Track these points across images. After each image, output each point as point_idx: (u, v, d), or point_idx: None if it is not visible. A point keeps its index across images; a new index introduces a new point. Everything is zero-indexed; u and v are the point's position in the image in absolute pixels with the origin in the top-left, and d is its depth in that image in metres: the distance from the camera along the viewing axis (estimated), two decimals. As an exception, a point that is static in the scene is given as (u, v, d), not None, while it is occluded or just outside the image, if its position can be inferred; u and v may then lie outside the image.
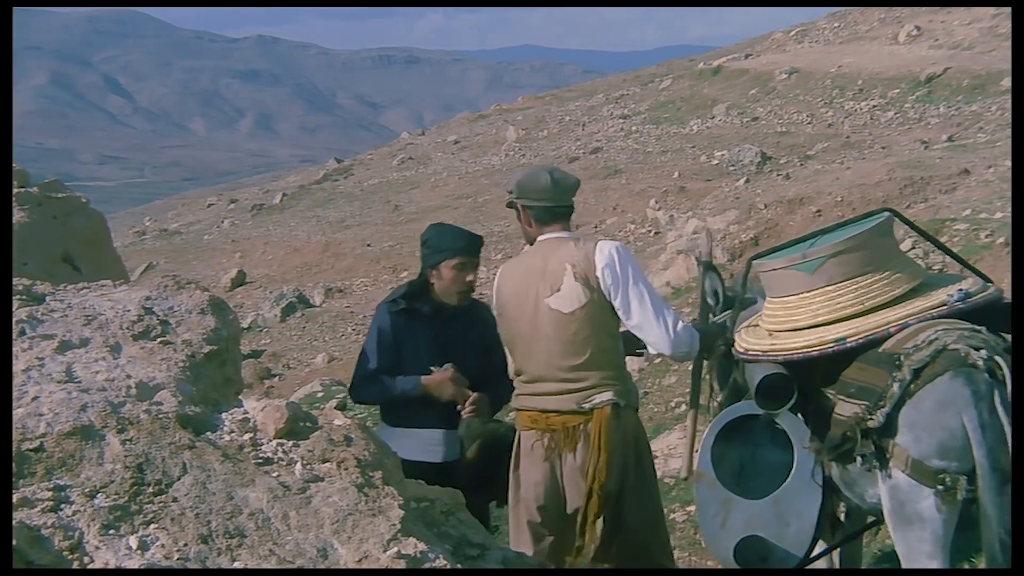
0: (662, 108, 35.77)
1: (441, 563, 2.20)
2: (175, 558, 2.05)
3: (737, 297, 3.69)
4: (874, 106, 27.34)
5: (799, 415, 3.32)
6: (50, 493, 2.15)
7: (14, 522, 1.97)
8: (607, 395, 3.40)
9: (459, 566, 2.43)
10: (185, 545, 2.08)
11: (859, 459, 2.95)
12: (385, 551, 2.18)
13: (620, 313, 3.43)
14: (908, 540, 2.78)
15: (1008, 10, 23.38)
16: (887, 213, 3.47)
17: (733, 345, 3.55)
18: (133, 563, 2.01)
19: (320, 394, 13.02)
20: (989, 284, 3.11)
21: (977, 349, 2.74)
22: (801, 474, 3.18)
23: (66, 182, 6.36)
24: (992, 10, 29.18)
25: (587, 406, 3.40)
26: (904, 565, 2.87)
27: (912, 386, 2.79)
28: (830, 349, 3.07)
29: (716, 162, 26.06)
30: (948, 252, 3.78)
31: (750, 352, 3.35)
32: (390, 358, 4.00)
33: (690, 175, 25.61)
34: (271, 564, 2.09)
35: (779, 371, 3.22)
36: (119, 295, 3.27)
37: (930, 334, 2.88)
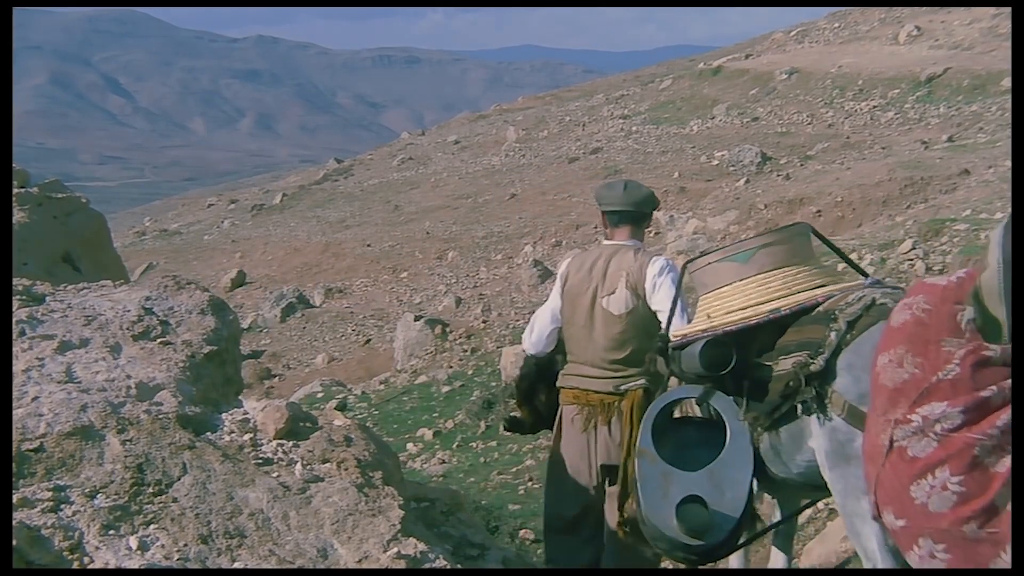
0: (662, 108, 35.77)
1: (441, 563, 2.20)
2: (175, 558, 2.05)
3: (680, 297, 4.01)
4: (874, 106, 27.34)
5: (733, 398, 3.61)
6: (50, 493, 2.15)
7: (14, 522, 1.97)
8: (640, 381, 3.97)
9: (459, 566, 2.43)
10: (185, 545, 2.09)
11: (800, 407, 3.19)
12: (385, 551, 2.18)
13: (651, 302, 3.99)
14: (845, 476, 3.04)
15: (1008, 10, 23.39)
16: (807, 224, 3.88)
17: (668, 345, 3.82)
18: (133, 563, 2.01)
19: (320, 394, 13.03)
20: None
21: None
22: (734, 445, 3.44)
23: (66, 182, 6.36)
24: (992, 10, 29.18)
25: (623, 388, 3.98)
26: (840, 501, 3.12)
27: (848, 336, 3.10)
28: (765, 318, 3.39)
29: (716, 162, 26.07)
30: (854, 266, 4.06)
31: (688, 336, 3.61)
32: None
33: (690, 175, 25.61)
34: (271, 564, 2.09)
35: (717, 338, 3.49)
36: (119, 295, 3.27)
37: (859, 293, 3.20)
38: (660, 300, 3.95)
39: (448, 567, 2.22)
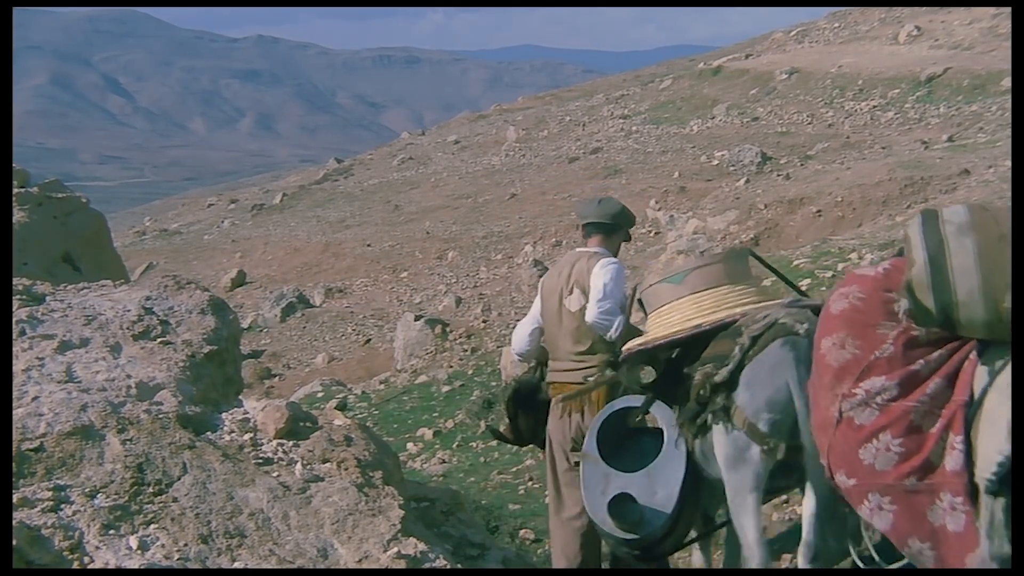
0: (662, 108, 35.77)
1: (441, 563, 2.21)
2: (175, 558, 2.05)
3: (625, 313, 4.40)
4: (874, 106, 27.34)
5: (674, 407, 3.94)
6: (50, 493, 2.15)
7: (14, 522, 1.97)
8: (607, 373, 4.33)
9: (459, 566, 2.43)
10: (185, 545, 2.09)
11: (709, 417, 3.59)
12: (385, 551, 2.18)
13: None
14: (737, 477, 3.49)
15: (1008, 10, 23.38)
16: (747, 249, 4.58)
17: (619, 359, 4.21)
18: (133, 563, 2.01)
19: (320, 394, 13.02)
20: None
21: (801, 322, 3.45)
22: (669, 449, 3.80)
23: (66, 182, 6.36)
24: (992, 10, 29.17)
25: (591, 380, 4.38)
26: (731, 498, 3.55)
27: (751, 351, 3.48)
28: (689, 333, 3.78)
29: (716, 162, 26.06)
30: (791, 285, 4.52)
31: (631, 350, 4.02)
32: None
33: (690, 175, 25.60)
34: (271, 564, 2.09)
35: (643, 351, 3.93)
36: (119, 295, 3.27)
37: (765, 312, 3.61)
38: (592, 289, 4.40)
39: (448, 567, 2.22)
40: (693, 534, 4.17)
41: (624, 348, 4.08)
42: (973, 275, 2.50)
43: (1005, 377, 2.52)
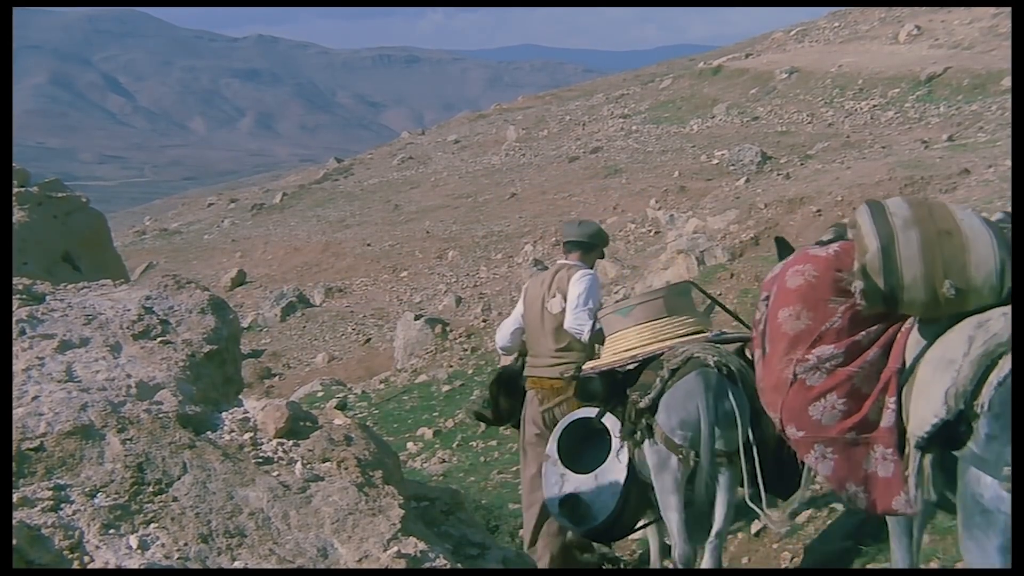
0: (662, 108, 35.73)
1: (441, 563, 2.20)
2: (175, 558, 2.05)
3: (583, 298, 5.12)
4: (874, 106, 27.30)
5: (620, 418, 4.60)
6: (50, 492, 2.15)
7: (14, 522, 1.97)
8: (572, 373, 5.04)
9: (459, 565, 2.43)
10: (185, 545, 2.09)
11: (639, 434, 4.24)
12: (385, 550, 2.18)
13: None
14: (661, 481, 4.16)
15: (1008, 9, 23.36)
16: (688, 283, 5.42)
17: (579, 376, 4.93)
18: (133, 563, 2.01)
19: (320, 393, 13.02)
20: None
21: (713, 356, 4.12)
22: (614, 456, 4.46)
23: (66, 181, 6.35)
24: (992, 10, 29.13)
25: (567, 375, 5.05)
26: (659, 499, 4.20)
27: (669, 382, 4.13)
28: (625, 362, 4.45)
29: (716, 162, 26.03)
30: (731, 313, 5.20)
31: (584, 371, 4.72)
32: None
33: (690, 175, 25.58)
34: (271, 564, 2.09)
35: (586, 374, 4.67)
36: (119, 295, 3.27)
37: (685, 348, 4.26)
38: (569, 298, 5.13)
39: (448, 567, 2.22)
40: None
41: (585, 367, 4.77)
42: (917, 264, 2.92)
43: (935, 351, 2.93)
